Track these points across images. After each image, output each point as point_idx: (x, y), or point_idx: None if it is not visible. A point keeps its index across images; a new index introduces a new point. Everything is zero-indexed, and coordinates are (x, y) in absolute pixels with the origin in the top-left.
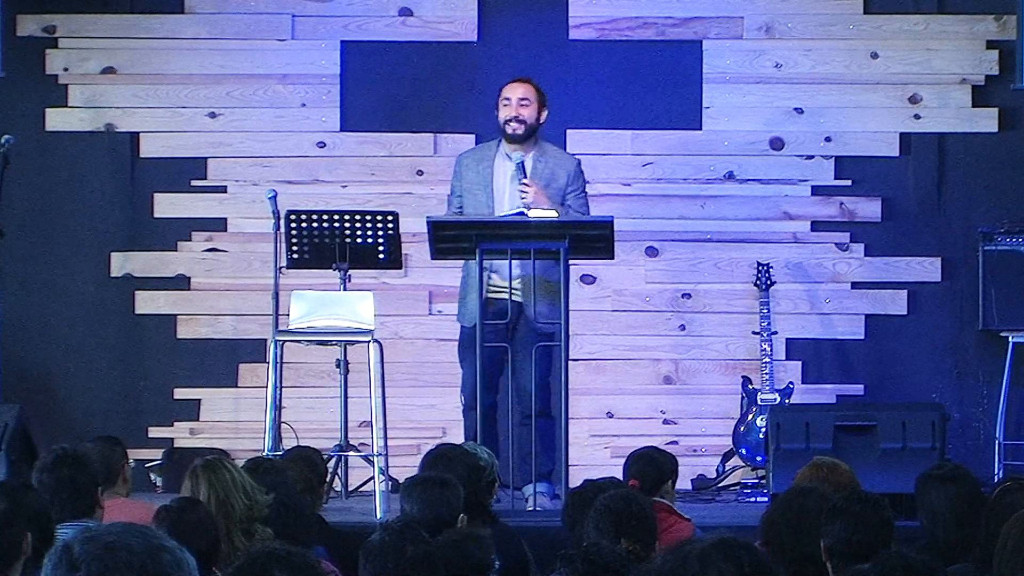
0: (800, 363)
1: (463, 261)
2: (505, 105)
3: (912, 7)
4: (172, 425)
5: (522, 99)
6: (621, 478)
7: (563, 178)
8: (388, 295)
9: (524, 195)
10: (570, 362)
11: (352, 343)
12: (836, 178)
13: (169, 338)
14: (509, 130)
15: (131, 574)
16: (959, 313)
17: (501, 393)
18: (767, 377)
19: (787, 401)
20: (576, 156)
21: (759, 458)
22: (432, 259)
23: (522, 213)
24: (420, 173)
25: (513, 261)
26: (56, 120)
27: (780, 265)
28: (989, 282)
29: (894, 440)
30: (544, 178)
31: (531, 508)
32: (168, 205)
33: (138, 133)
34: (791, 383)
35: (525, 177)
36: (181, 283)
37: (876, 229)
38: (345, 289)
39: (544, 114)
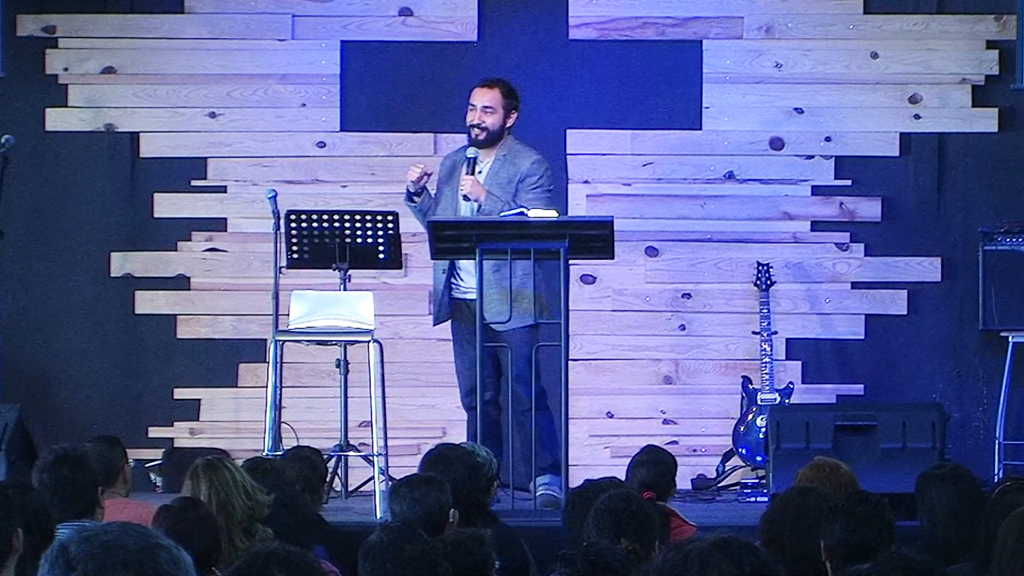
0: (800, 363)
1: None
2: (471, 110)
3: (912, 7)
4: (172, 425)
5: (486, 107)
6: (622, 478)
7: (515, 176)
8: (388, 295)
9: (463, 187)
10: (570, 362)
11: (352, 343)
12: (836, 178)
13: (169, 338)
14: (472, 135)
15: (128, 573)
16: (959, 313)
17: (497, 392)
18: (767, 377)
19: (787, 401)
20: (538, 155)
21: (759, 458)
22: (432, 259)
23: (522, 213)
24: None
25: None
26: (56, 120)
27: (780, 265)
28: (989, 282)
29: (894, 440)
30: (500, 178)
31: (532, 506)
32: (168, 205)
33: (138, 133)
34: (791, 383)
35: (471, 172)
36: (181, 283)
37: (876, 229)
38: (345, 289)
39: (513, 117)
